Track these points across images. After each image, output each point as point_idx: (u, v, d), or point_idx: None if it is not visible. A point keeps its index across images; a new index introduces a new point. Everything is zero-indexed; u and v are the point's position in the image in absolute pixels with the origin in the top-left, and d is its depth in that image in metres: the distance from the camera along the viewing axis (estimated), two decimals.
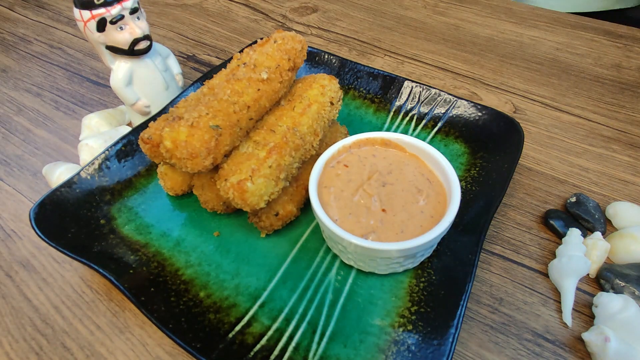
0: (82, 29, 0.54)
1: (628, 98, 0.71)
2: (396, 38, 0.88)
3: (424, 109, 0.63)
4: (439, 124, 0.61)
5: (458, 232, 0.47)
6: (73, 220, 0.48)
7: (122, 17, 0.53)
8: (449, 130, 0.61)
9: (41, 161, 0.63)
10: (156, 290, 0.43)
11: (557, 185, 0.58)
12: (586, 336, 0.40)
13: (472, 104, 0.61)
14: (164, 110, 0.58)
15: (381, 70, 0.66)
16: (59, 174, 0.56)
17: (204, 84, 0.53)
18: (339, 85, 0.54)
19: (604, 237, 0.50)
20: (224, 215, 0.52)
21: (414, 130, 0.62)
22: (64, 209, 0.49)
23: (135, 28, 0.55)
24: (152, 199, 0.53)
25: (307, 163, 0.51)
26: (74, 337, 0.44)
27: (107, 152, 0.54)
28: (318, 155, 0.50)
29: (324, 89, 0.52)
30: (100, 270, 0.43)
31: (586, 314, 0.45)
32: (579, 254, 0.46)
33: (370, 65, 0.75)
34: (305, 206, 0.51)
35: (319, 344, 0.41)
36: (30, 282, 0.48)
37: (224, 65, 0.65)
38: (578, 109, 0.70)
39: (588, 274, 0.47)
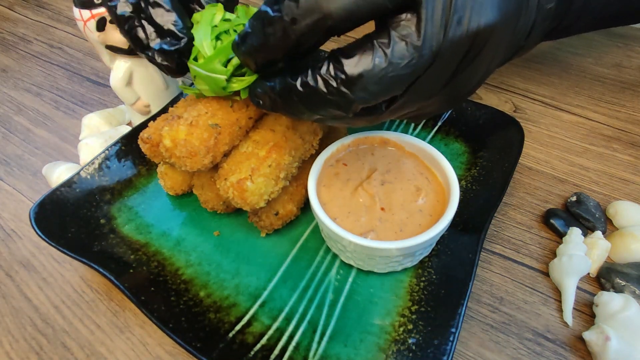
0: (81, 29, 0.54)
1: (629, 97, 0.71)
2: None
3: None
4: (439, 123, 0.61)
5: (458, 231, 0.47)
6: (73, 220, 0.48)
7: None
8: (449, 130, 0.61)
9: (41, 161, 0.63)
10: (156, 290, 0.43)
11: (558, 184, 0.57)
12: (587, 335, 0.40)
13: (472, 103, 0.61)
14: (163, 110, 0.58)
15: None
16: (58, 173, 0.56)
17: None
18: None
19: (605, 236, 0.49)
20: (224, 215, 0.52)
21: (414, 129, 0.62)
22: (64, 208, 0.49)
23: None
24: (152, 199, 0.53)
25: (307, 162, 0.51)
26: (74, 337, 0.44)
27: (107, 151, 0.54)
28: (318, 154, 0.50)
29: None
30: (101, 270, 0.43)
31: (587, 313, 0.45)
32: (579, 253, 0.46)
33: None
34: (306, 205, 0.51)
35: (319, 343, 0.41)
36: (30, 281, 0.48)
37: None
38: (578, 108, 0.69)
39: (589, 273, 0.47)
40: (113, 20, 0.47)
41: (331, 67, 0.31)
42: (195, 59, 0.43)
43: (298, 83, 0.33)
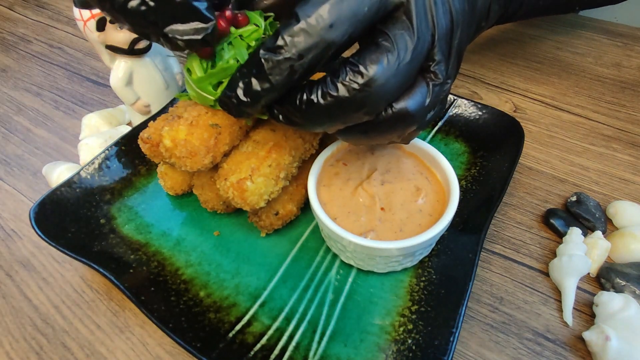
0: (81, 29, 0.54)
1: (629, 97, 0.71)
2: None
3: None
4: (439, 123, 0.61)
5: (458, 231, 0.47)
6: (73, 220, 0.48)
7: None
8: (449, 130, 0.61)
9: (41, 161, 0.63)
10: (156, 290, 0.43)
11: (558, 184, 0.57)
12: (587, 335, 0.40)
13: (472, 103, 0.61)
14: (164, 110, 0.58)
15: None
16: (58, 173, 0.56)
17: None
18: None
19: (605, 236, 0.49)
20: (224, 215, 0.52)
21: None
22: (64, 208, 0.49)
23: None
24: (152, 199, 0.53)
25: (308, 162, 0.51)
26: (74, 337, 0.44)
27: (107, 151, 0.54)
28: (318, 154, 0.50)
29: None
30: (101, 270, 0.43)
31: (587, 313, 0.45)
32: (579, 253, 0.46)
33: None
34: (306, 205, 0.51)
35: (319, 343, 0.41)
36: (31, 281, 0.48)
37: None
38: (578, 108, 0.69)
39: (589, 273, 0.47)
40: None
41: (349, 72, 0.33)
42: (189, 70, 0.43)
43: (318, 95, 0.34)
